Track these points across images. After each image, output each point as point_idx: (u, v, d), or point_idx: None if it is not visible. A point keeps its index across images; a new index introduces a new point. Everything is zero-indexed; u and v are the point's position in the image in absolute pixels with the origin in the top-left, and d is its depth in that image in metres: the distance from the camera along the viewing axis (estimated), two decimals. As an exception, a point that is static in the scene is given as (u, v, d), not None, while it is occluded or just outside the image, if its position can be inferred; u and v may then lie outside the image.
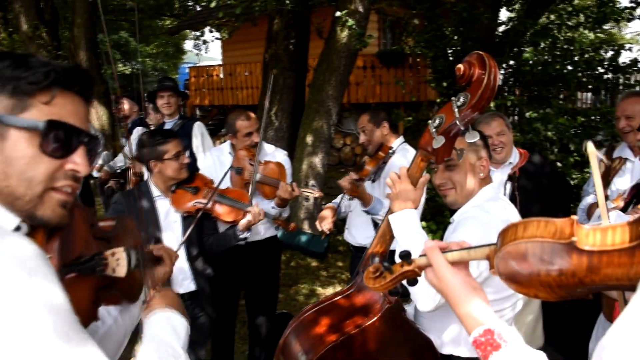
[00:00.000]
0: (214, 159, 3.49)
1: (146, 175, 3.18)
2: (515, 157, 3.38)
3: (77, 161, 0.98)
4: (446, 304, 1.82)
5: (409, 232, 1.82)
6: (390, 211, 1.92)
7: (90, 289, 1.08)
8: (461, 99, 1.56)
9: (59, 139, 0.94)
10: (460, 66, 1.55)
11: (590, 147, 1.02)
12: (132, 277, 1.25)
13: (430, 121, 1.69)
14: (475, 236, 1.77)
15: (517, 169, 3.32)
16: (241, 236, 2.91)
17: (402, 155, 3.33)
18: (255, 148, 3.24)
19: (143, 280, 1.30)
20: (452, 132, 1.64)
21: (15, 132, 0.91)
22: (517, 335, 0.95)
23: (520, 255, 0.88)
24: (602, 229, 0.82)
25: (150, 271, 1.34)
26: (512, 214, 2.05)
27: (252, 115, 3.39)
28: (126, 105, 5.59)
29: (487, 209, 1.96)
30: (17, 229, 0.92)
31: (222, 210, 2.98)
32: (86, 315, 1.06)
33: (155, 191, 2.90)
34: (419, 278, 1.16)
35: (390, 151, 3.36)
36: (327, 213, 3.47)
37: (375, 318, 1.90)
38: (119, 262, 1.11)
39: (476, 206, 2.01)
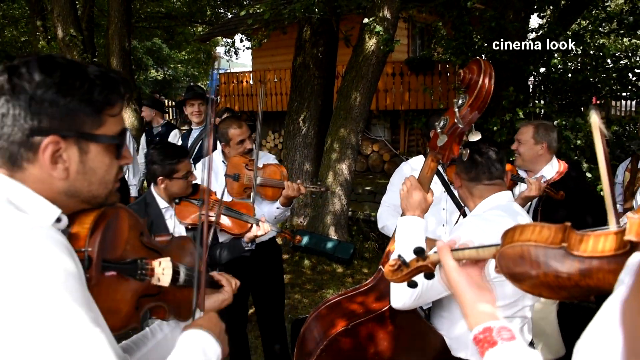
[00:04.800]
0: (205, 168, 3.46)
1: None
2: (550, 172, 3.26)
3: (127, 155, 1.14)
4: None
5: (408, 238, 1.84)
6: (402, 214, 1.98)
7: (131, 293, 1.12)
8: (460, 100, 1.69)
9: (124, 144, 1.11)
10: (461, 71, 1.68)
11: (593, 117, 0.93)
12: (182, 295, 1.31)
13: (436, 123, 1.80)
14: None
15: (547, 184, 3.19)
16: (247, 248, 2.94)
17: None
18: (249, 154, 3.32)
19: (197, 302, 1.29)
20: (455, 131, 1.75)
21: (95, 146, 1.04)
22: (516, 334, 0.98)
23: (516, 257, 0.94)
24: (595, 236, 0.85)
25: (204, 294, 1.32)
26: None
27: (243, 123, 3.43)
28: (145, 112, 5.88)
29: (486, 218, 1.95)
30: (58, 220, 0.99)
31: (228, 223, 2.99)
32: (124, 317, 1.09)
33: (161, 202, 2.87)
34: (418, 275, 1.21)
35: None
36: None
37: (386, 307, 1.94)
38: (164, 271, 1.16)
39: (474, 215, 2.03)
